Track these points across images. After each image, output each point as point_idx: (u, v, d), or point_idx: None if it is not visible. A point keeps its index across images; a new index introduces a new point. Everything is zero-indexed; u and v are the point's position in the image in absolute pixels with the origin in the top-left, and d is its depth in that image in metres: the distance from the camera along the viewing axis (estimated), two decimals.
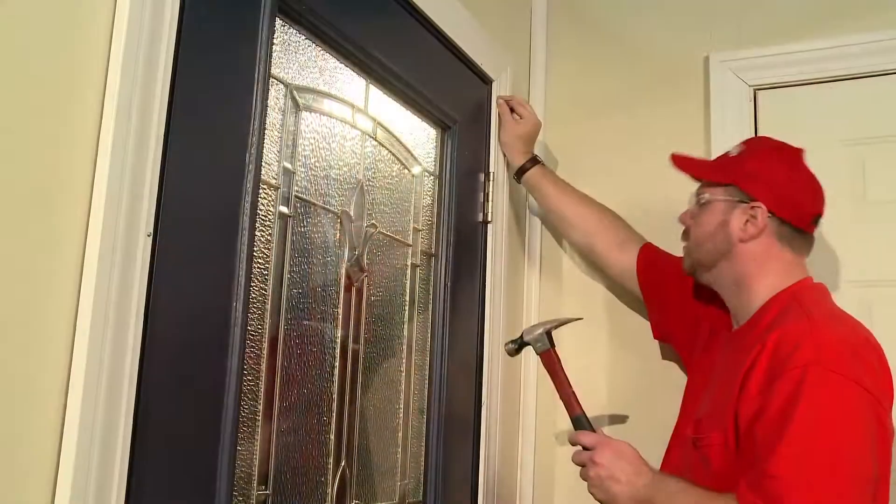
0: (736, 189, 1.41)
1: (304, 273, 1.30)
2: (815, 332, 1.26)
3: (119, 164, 0.92)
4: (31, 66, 0.86)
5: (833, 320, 1.33)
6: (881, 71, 1.81)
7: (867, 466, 1.18)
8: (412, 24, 1.59)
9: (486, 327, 1.78)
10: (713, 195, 1.44)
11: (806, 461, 1.17)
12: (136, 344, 0.94)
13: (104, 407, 0.89)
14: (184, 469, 1.02)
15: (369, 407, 1.45)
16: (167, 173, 1.00)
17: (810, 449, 1.17)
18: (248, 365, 1.16)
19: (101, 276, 0.89)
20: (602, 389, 1.96)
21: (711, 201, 1.45)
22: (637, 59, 2.07)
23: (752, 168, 1.42)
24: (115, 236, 0.91)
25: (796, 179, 1.42)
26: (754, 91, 1.92)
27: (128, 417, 0.92)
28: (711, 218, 1.44)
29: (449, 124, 1.72)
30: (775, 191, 1.39)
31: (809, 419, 1.18)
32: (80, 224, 0.90)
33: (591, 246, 1.82)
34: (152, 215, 0.97)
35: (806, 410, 1.18)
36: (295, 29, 1.30)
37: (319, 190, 1.35)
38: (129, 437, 0.92)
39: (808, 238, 1.43)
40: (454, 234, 1.69)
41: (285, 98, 1.27)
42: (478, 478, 1.72)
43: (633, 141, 2.03)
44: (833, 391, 1.20)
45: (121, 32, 0.94)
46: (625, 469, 1.34)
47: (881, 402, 1.23)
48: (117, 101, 0.93)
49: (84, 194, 0.90)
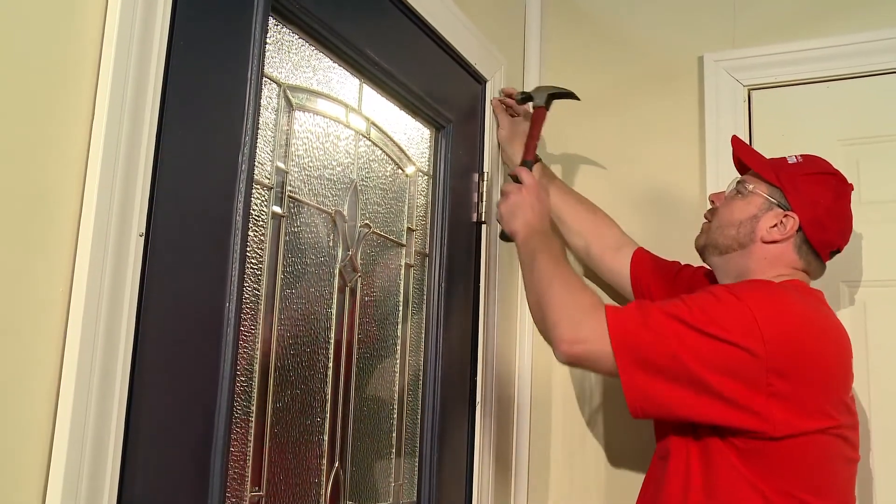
0: (780, 193, 1.45)
1: (297, 273, 1.29)
2: (762, 287, 1.35)
3: (111, 163, 0.92)
4: (22, 64, 0.85)
5: (795, 295, 1.35)
6: (876, 71, 1.82)
7: (701, 361, 1.24)
8: (406, 24, 1.58)
9: (480, 328, 1.78)
10: (757, 188, 1.47)
11: (668, 316, 1.27)
12: (128, 344, 0.93)
13: (95, 407, 0.88)
14: (176, 470, 1.02)
15: (363, 407, 1.44)
16: (160, 173, 0.99)
17: (677, 313, 1.27)
18: (242, 365, 1.15)
19: (92, 276, 0.89)
20: (596, 390, 1.96)
21: (754, 193, 1.47)
22: (631, 59, 2.07)
23: (802, 181, 1.45)
24: (106, 236, 0.91)
25: (836, 210, 1.46)
26: (748, 91, 1.92)
27: (119, 418, 0.91)
28: (746, 208, 1.47)
29: (443, 124, 1.72)
30: (814, 211, 1.43)
31: (696, 303, 1.28)
32: (72, 223, 0.89)
33: (587, 248, 1.83)
34: (144, 215, 0.96)
35: (696, 297, 1.30)
36: (288, 28, 1.29)
37: (313, 190, 1.34)
38: (121, 438, 0.92)
39: (821, 264, 1.47)
40: (448, 234, 1.69)
41: (278, 97, 1.26)
42: (472, 478, 1.72)
43: (627, 141, 2.04)
44: (733, 304, 1.27)
45: (112, 31, 0.93)
46: (527, 213, 1.54)
47: (769, 352, 1.24)
48: (109, 99, 0.92)
49: (75, 193, 0.90)
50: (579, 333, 1.30)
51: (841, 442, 1.30)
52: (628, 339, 1.27)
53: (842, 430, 1.30)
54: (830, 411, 1.29)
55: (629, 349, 1.26)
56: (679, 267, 1.72)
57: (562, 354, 1.32)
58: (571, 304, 1.34)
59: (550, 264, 1.43)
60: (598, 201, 1.88)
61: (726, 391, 1.23)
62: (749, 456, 1.26)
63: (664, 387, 1.26)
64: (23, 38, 0.85)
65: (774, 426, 1.24)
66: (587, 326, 1.30)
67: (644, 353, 1.26)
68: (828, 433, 1.28)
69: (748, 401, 1.24)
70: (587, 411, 1.96)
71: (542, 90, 1.78)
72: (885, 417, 1.69)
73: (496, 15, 2.00)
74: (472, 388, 1.75)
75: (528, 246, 1.50)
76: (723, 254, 1.49)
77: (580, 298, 1.35)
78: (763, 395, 1.23)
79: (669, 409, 1.28)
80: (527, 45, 2.13)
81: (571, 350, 1.31)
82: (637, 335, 1.27)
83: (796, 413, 1.25)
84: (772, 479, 1.26)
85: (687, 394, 1.25)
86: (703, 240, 1.54)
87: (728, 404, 1.24)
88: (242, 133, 1.13)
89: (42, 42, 0.87)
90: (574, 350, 1.31)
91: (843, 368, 1.34)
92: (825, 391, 1.29)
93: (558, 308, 1.35)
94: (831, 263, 1.53)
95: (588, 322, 1.30)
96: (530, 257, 1.47)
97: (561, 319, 1.33)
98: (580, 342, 1.30)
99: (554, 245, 1.50)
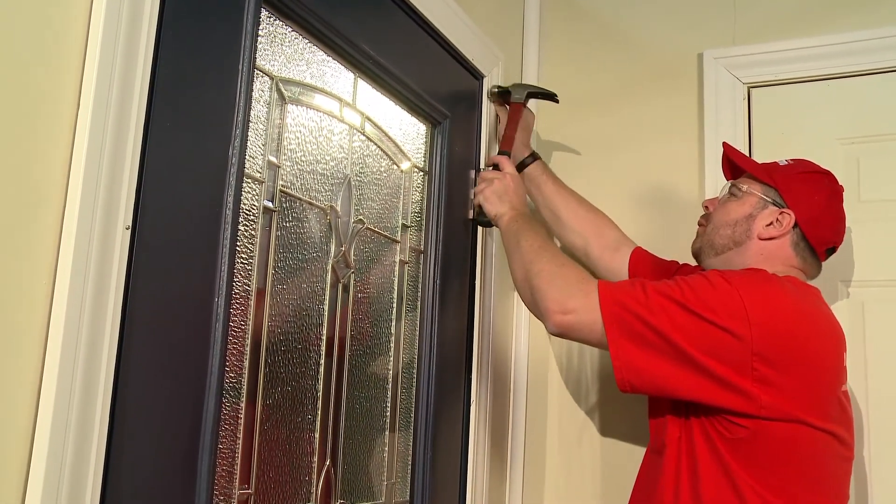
0: (775, 192, 1.46)
1: (289, 269, 1.28)
2: (755, 273, 1.35)
3: (96, 154, 0.90)
4: (6, 53, 0.84)
5: (789, 286, 1.34)
6: (876, 69, 1.80)
7: (689, 339, 1.25)
8: (402, 18, 1.57)
9: (475, 325, 1.76)
10: (751, 188, 1.49)
11: (660, 294, 1.28)
12: (113, 340, 0.91)
13: (79, 404, 0.87)
14: (163, 467, 1.00)
15: (355, 405, 1.43)
16: (147, 165, 0.97)
17: (669, 292, 1.28)
18: (231, 362, 1.14)
19: (76, 271, 0.87)
20: (592, 386, 1.95)
21: (748, 193, 1.49)
22: (630, 55, 2.05)
23: (796, 180, 1.47)
24: (91, 229, 0.89)
25: (830, 208, 1.47)
26: (748, 88, 1.91)
27: (104, 414, 0.90)
28: (741, 208, 1.48)
29: (439, 120, 1.70)
30: (809, 209, 1.44)
31: (688, 284, 1.29)
32: (56, 216, 0.88)
33: (586, 247, 1.82)
34: (131, 208, 0.95)
35: (689, 279, 1.30)
36: (281, 20, 1.27)
37: (305, 185, 1.32)
38: (105, 435, 0.90)
39: (817, 262, 1.48)
40: (443, 230, 1.67)
41: (271, 90, 1.25)
42: (466, 477, 1.71)
43: (626, 138, 2.02)
44: (723, 287, 1.28)
45: (99, 19, 0.91)
46: (512, 197, 1.62)
47: (754, 336, 1.24)
48: (95, 90, 0.90)
49: (60, 185, 0.88)
50: (569, 303, 1.31)
51: (832, 439, 1.30)
52: (619, 311, 1.28)
53: (833, 428, 1.29)
54: (820, 404, 1.28)
55: (619, 321, 1.27)
56: (677, 266, 1.72)
57: (552, 325, 1.33)
58: (561, 276, 1.36)
59: (537, 241, 1.46)
60: (597, 199, 1.87)
61: (713, 371, 1.24)
62: (740, 448, 1.26)
63: (653, 360, 1.26)
64: (6, 28, 0.84)
65: (760, 408, 1.24)
66: (578, 296, 1.31)
67: (635, 325, 1.27)
68: (818, 430, 1.27)
69: (734, 381, 1.24)
70: (583, 408, 1.95)
71: (521, 87, 1.83)
72: (883, 416, 1.68)
73: (494, 10, 1.98)
74: (466, 386, 1.74)
75: (514, 226, 1.53)
76: (719, 254, 1.49)
77: (569, 271, 1.37)
78: (749, 379, 1.24)
79: (656, 384, 1.29)
80: (525, 40, 2.11)
81: (562, 320, 1.32)
82: (628, 307, 1.28)
83: (783, 399, 1.25)
84: (763, 475, 1.26)
85: (675, 369, 1.26)
86: (699, 243, 1.55)
87: (715, 382, 1.25)
88: (233, 126, 1.12)
89: (27, 32, 0.86)
90: (564, 320, 1.32)
91: (833, 362, 1.34)
92: (814, 382, 1.29)
93: (548, 280, 1.36)
94: (830, 263, 1.52)
95: (579, 292, 1.32)
96: (516, 237, 1.50)
97: (551, 290, 1.35)
98: (570, 311, 1.31)
99: (539, 226, 1.54)
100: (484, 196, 1.64)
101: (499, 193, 1.63)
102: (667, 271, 1.69)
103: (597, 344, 1.32)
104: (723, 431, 1.27)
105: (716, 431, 1.28)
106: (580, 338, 1.34)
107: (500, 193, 1.63)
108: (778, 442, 1.26)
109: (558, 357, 2.00)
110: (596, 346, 1.35)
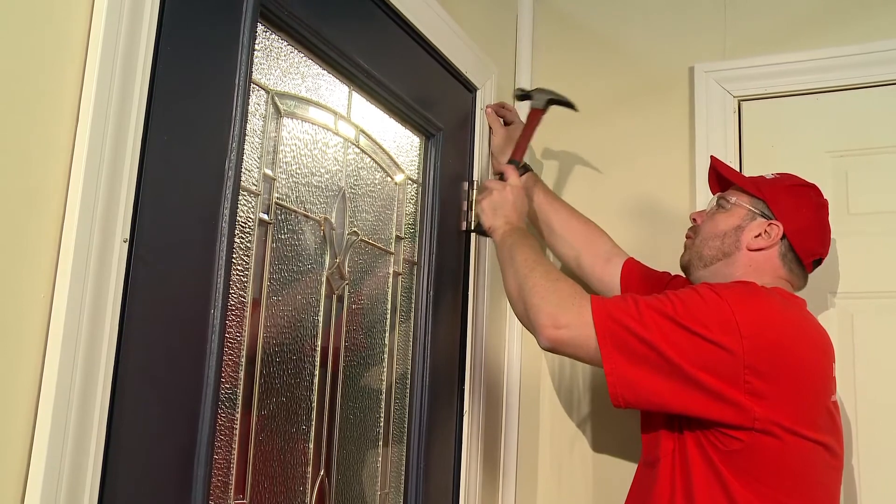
0: (763, 204, 1.48)
1: (284, 280, 1.29)
2: (745, 286, 1.37)
3: (95, 167, 0.91)
4: (6, 70, 0.85)
5: (777, 298, 1.36)
6: (865, 83, 1.82)
7: (682, 354, 1.25)
8: (396, 32, 1.58)
9: (469, 337, 1.77)
10: (740, 200, 1.51)
11: (652, 309, 1.28)
12: (111, 351, 0.92)
13: (76, 415, 0.87)
14: (159, 477, 1.01)
15: (349, 415, 1.44)
16: (144, 178, 0.98)
17: (661, 307, 1.29)
18: (226, 373, 1.14)
19: (74, 282, 0.88)
20: (584, 398, 1.96)
21: (736, 205, 1.51)
22: (622, 69, 2.07)
23: (784, 193, 1.49)
24: (89, 241, 0.90)
25: (817, 221, 1.50)
26: (738, 102, 1.93)
27: (101, 425, 0.90)
28: (729, 220, 1.50)
29: (433, 132, 1.72)
30: (797, 221, 1.46)
31: (680, 299, 1.30)
32: (54, 228, 0.88)
33: (578, 259, 1.83)
34: (129, 221, 0.95)
35: (680, 294, 1.31)
36: (277, 35, 1.29)
37: (301, 197, 1.34)
38: (103, 446, 0.91)
39: (804, 273, 1.50)
40: (437, 242, 1.69)
41: (266, 104, 1.26)
42: (459, 488, 1.71)
43: (617, 150, 2.04)
44: (714, 301, 1.29)
45: (98, 34, 0.93)
46: (509, 211, 1.61)
47: (746, 349, 1.25)
48: (94, 104, 0.91)
49: (58, 198, 0.89)
50: (562, 318, 1.31)
51: (823, 450, 1.31)
52: (613, 326, 1.28)
53: (823, 439, 1.31)
54: (810, 415, 1.30)
55: (613, 336, 1.27)
56: (669, 277, 1.73)
57: (545, 340, 1.33)
58: (554, 291, 1.36)
59: (531, 256, 1.45)
60: (588, 210, 1.88)
61: (707, 384, 1.25)
62: (734, 460, 1.27)
63: (646, 375, 1.27)
64: (6, 44, 0.85)
65: (753, 420, 1.25)
66: (571, 312, 1.31)
67: (628, 341, 1.27)
68: (809, 440, 1.29)
69: (728, 395, 1.25)
70: (575, 420, 1.96)
71: (543, 93, 1.79)
72: (872, 427, 1.69)
73: (488, 23, 2.00)
74: (459, 397, 1.75)
75: (508, 241, 1.53)
76: (708, 265, 1.51)
77: (562, 286, 1.37)
78: (741, 391, 1.25)
79: (650, 399, 1.29)
80: (518, 53, 2.13)
81: (555, 335, 1.31)
82: (622, 322, 1.28)
83: (775, 411, 1.26)
84: (756, 486, 1.27)
85: (668, 384, 1.26)
86: (688, 256, 1.57)
87: (709, 396, 1.25)
88: (229, 139, 1.13)
89: (26, 47, 0.87)
90: (557, 335, 1.31)
91: (823, 373, 1.35)
92: (804, 394, 1.30)
93: (541, 294, 1.36)
94: (819, 274, 1.54)
95: (572, 307, 1.32)
96: (510, 251, 1.50)
97: (544, 305, 1.34)
98: (564, 327, 1.31)
99: (533, 241, 1.54)
100: (481, 207, 1.65)
101: (495, 206, 1.63)
102: (659, 282, 1.71)
103: (588, 360, 1.32)
104: (717, 444, 1.28)
105: (710, 444, 1.29)
106: (572, 353, 1.34)
107: (496, 206, 1.63)
108: (770, 453, 1.27)
109: (551, 369, 2.01)
110: (587, 362, 1.34)
